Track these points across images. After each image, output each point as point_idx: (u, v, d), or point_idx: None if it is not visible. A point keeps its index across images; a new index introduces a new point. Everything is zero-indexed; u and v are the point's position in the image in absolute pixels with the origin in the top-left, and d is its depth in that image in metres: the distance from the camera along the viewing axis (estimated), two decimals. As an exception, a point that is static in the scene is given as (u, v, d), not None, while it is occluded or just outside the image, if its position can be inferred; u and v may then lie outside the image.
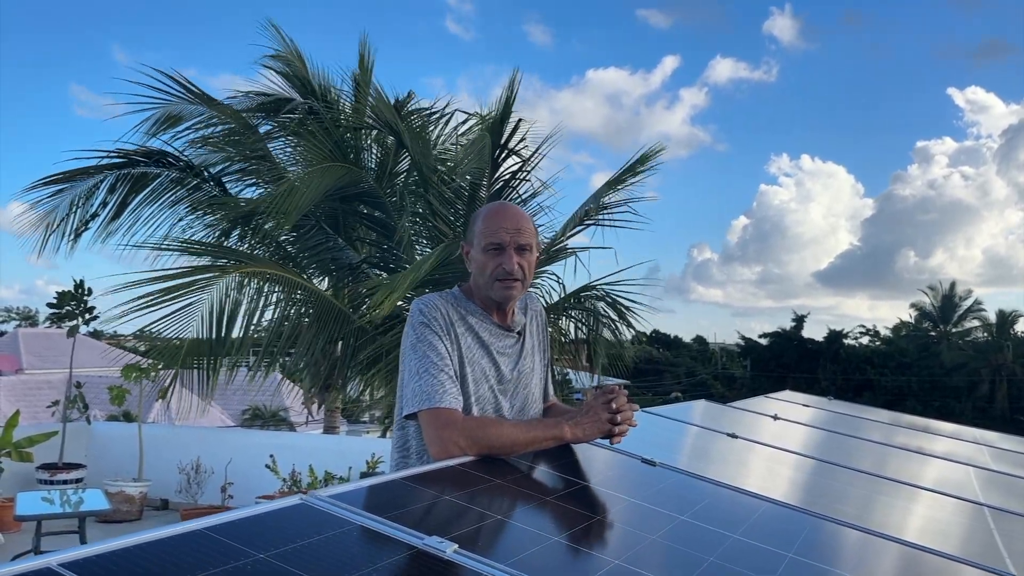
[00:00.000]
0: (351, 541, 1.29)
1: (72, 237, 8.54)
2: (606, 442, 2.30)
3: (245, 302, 7.75)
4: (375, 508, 1.44)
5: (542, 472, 2.01)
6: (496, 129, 8.43)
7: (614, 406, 2.13)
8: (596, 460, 2.22)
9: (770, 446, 3.28)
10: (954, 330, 44.74)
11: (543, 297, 8.69)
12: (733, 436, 3.25)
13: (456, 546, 1.32)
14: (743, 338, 47.98)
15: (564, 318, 8.90)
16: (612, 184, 8.87)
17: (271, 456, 7.36)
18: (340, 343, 8.48)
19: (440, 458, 1.96)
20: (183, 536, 1.16)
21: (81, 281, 7.74)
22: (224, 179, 8.87)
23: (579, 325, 8.95)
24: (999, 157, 75.33)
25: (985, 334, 43.54)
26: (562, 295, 8.75)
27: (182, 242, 8.22)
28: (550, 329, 2.73)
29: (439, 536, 1.34)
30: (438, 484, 1.71)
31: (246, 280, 7.60)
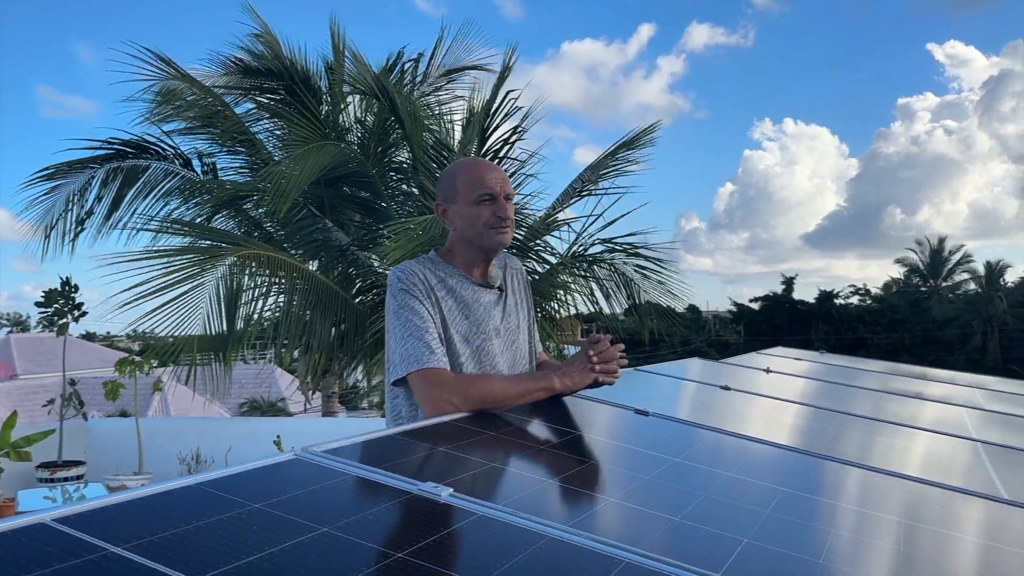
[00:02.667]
0: (346, 490, 1.30)
1: (72, 237, 8.51)
2: (599, 394, 2.32)
3: (248, 288, 7.69)
4: (370, 461, 1.45)
5: (535, 424, 2.02)
6: (487, 108, 8.45)
7: (596, 351, 2.15)
8: (589, 412, 2.24)
9: (764, 395, 3.31)
10: (944, 284, 44.97)
11: (538, 268, 8.64)
12: (726, 388, 3.27)
13: (451, 490, 1.33)
14: (735, 304, 48.15)
15: (565, 285, 8.65)
16: (606, 160, 8.86)
17: (277, 436, 7.34)
18: (334, 329, 8.47)
19: (434, 417, 1.96)
20: (178, 491, 1.16)
21: (68, 278, 7.69)
22: (213, 163, 8.82)
23: (592, 287, 8.66)
24: (980, 110, 75.42)
25: (975, 286, 43.80)
26: (562, 258, 8.63)
27: (180, 223, 8.17)
28: (536, 296, 2.75)
29: (434, 482, 1.35)
30: (431, 438, 1.72)
31: (246, 263, 7.52)
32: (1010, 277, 44.29)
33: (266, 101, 8.91)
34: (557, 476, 1.60)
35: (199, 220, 8.57)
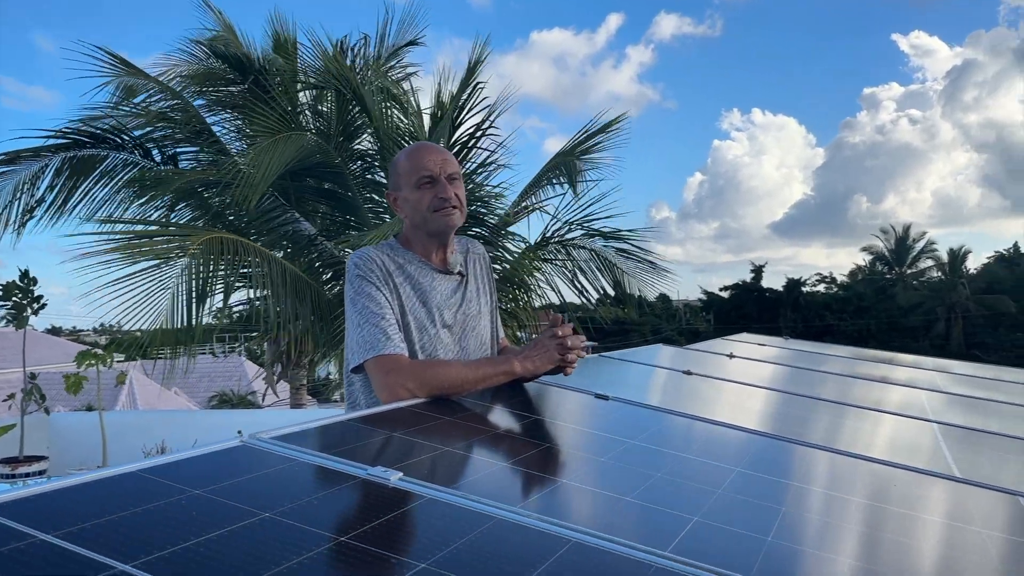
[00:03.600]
0: (292, 475, 1.28)
1: (17, 226, 8.31)
2: (560, 379, 2.31)
3: (214, 277, 7.55)
4: (319, 447, 1.43)
5: (493, 409, 2.01)
6: (457, 96, 8.40)
7: (560, 334, 2.14)
8: (549, 397, 2.23)
9: (725, 380, 3.33)
10: (909, 272, 45.69)
11: (508, 256, 8.61)
12: (688, 373, 3.29)
13: (401, 475, 1.31)
14: (705, 293, 48.59)
15: (539, 269, 8.62)
16: (575, 148, 8.85)
17: (239, 431, 7.27)
18: (301, 321, 8.38)
19: (390, 403, 1.95)
20: (115, 478, 1.14)
21: (26, 271, 7.53)
22: (174, 154, 8.67)
23: (563, 272, 8.63)
24: (944, 99, 76.69)
25: (939, 273, 44.53)
26: (531, 244, 8.61)
27: (141, 222, 8.03)
28: (496, 276, 2.74)
29: (383, 467, 1.33)
30: (385, 424, 1.70)
31: (212, 251, 7.37)
32: (972, 264, 45.20)
33: (226, 93, 8.77)
34: (511, 459, 1.59)
35: (159, 211, 8.43)
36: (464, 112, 8.51)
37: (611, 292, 8.59)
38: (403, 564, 1.00)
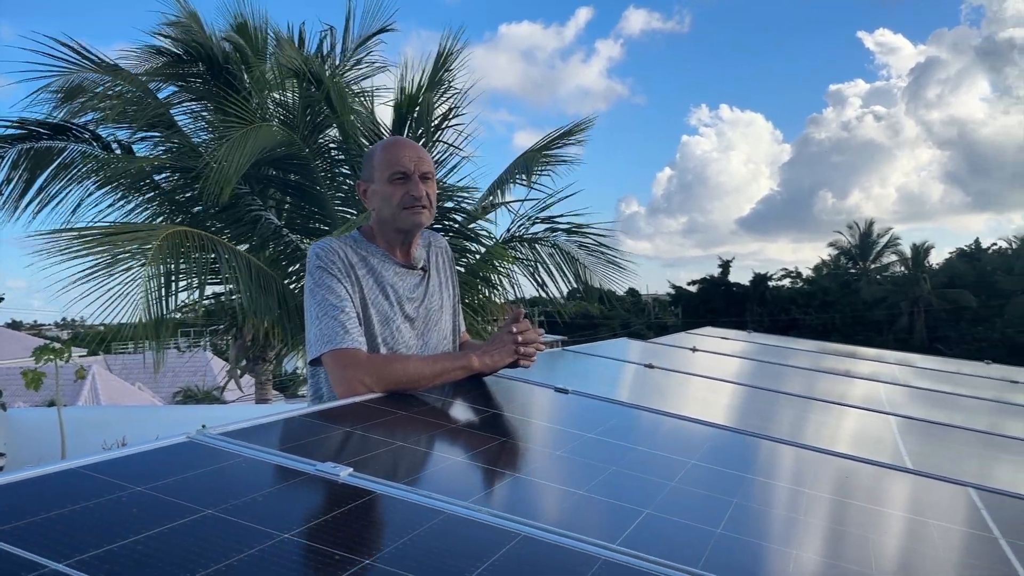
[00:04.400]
0: (239, 472, 1.26)
1: None
2: (520, 373, 2.31)
3: (178, 272, 7.42)
4: (269, 443, 1.41)
5: (451, 404, 2.00)
6: (427, 89, 8.36)
7: (516, 329, 2.14)
8: (509, 391, 2.23)
9: (686, 373, 3.35)
10: (873, 266, 46.38)
11: (473, 248, 8.60)
12: (650, 367, 3.30)
13: (351, 470, 1.30)
14: (674, 287, 48.95)
15: (506, 266, 8.61)
16: (541, 150, 8.86)
17: (202, 426, 7.19)
18: (266, 315, 8.29)
19: (347, 398, 1.93)
20: (54, 475, 1.11)
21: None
22: (133, 148, 8.52)
23: (533, 267, 8.64)
24: (908, 96, 77.86)
25: (902, 268, 45.27)
26: (497, 241, 8.60)
27: (107, 225, 7.87)
28: (458, 269, 2.72)
29: (333, 462, 1.32)
30: (339, 418, 1.69)
31: (176, 245, 7.24)
32: (935, 259, 46.00)
33: (190, 83, 8.64)
34: (466, 454, 1.58)
35: (121, 202, 8.28)
36: (432, 104, 8.47)
37: (574, 286, 8.61)
38: (347, 560, 0.99)
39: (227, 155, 7.18)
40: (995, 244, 47.60)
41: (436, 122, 8.55)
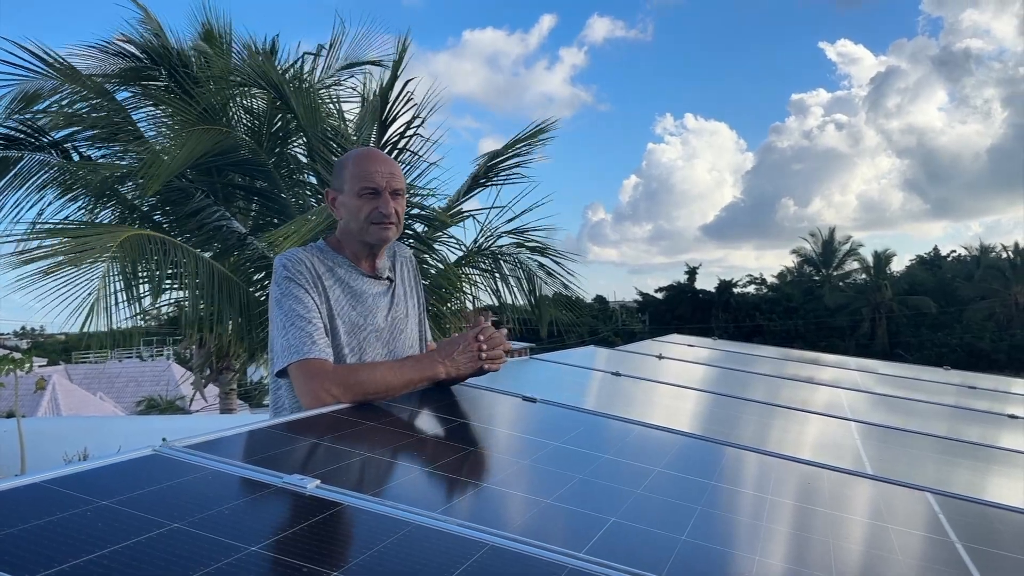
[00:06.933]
0: (205, 485, 1.25)
1: None
2: (488, 382, 2.32)
3: (140, 279, 7.30)
4: (235, 455, 1.41)
5: (418, 414, 2.00)
6: (384, 95, 8.30)
7: (483, 338, 2.14)
8: (476, 400, 2.24)
9: (653, 381, 3.38)
10: (835, 273, 47.12)
11: (438, 264, 8.59)
12: (617, 374, 3.33)
13: (318, 482, 1.30)
14: (641, 294, 49.39)
15: (468, 277, 8.64)
16: (504, 150, 8.87)
17: (164, 439, 7.11)
18: (231, 322, 8.19)
19: (313, 409, 1.92)
20: (16, 489, 1.10)
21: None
22: (92, 155, 8.39)
23: (495, 281, 8.68)
24: (868, 105, 79.32)
25: (864, 275, 46.05)
26: (466, 250, 8.62)
27: (60, 225, 7.73)
28: (424, 280, 2.73)
29: (300, 474, 1.32)
30: (306, 430, 1.68)
31: (137, 249, 7.12)
32: (896, 266, 46.87)
33: (150, 87, 8.54)
34: (432, 464, 1.59)
35: (81, 211, 8.13)
36: (393, 109, 8.43)
37: (531, 303, 8.70)
38: (315, 573, 0.99)
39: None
40: (954, 251, 48.71)
41: (401, 130, 8.52)
